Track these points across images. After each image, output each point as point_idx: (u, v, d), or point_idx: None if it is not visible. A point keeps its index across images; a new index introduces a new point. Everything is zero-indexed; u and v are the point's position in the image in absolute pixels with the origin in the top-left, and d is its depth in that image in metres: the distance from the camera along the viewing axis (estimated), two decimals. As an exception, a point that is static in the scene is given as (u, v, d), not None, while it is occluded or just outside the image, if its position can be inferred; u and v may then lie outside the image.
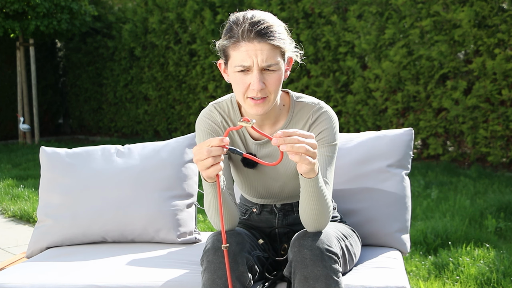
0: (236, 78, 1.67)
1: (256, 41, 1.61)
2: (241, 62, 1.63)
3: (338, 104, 7.16)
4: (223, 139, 1.47)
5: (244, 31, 1.62)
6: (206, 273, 1.64)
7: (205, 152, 1.47)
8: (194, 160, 1.52)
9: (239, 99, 1.71)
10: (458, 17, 5.86)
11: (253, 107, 1.68)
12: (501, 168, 5.87)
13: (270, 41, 1.62)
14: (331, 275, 1.59)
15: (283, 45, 1.66)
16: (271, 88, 1.66)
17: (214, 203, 1.68)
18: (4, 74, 11.09)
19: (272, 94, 1.68)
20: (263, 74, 1.64)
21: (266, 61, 1.62)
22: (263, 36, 1.61)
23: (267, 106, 1.69)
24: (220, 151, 1.48)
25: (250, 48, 1.62)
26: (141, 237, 2.26)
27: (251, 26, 1.62)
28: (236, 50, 1.64)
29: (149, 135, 10.20)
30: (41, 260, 2.11)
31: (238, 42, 1.63)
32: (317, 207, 1.64)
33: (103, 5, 10.99)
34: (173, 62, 9.44)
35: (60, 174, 2.30)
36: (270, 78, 1.65)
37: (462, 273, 2.95)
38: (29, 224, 4.60)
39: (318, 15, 7.26)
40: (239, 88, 1.67)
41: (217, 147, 1.47)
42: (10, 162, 7.90)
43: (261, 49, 1.62)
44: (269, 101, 1.68)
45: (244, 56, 1.62)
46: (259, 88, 1.63)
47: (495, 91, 5.70)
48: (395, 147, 2.20)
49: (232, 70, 1.68)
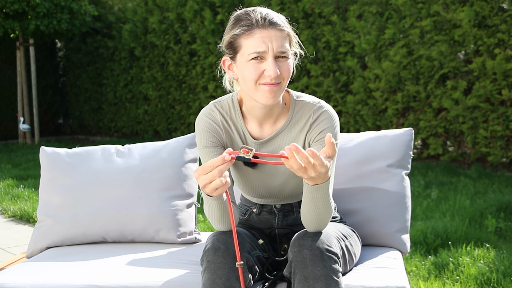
0: (248, 66, 1.67)
1: (270, 28, 1.65)
2: (256, 49, 1.65)
3: (338, 104, 7.16)
4: (224, 157, 1.45)
5: (258, 19, 1.66)
6: (206, 273, 1.64)
7: (210, 177, 1.46)
8: (201, 186, 1.49)
9: (249, 88, 1.70)
10: (458, 17, 5.86)
11: (266, 93, 1.67)
12: (501, 168, 5.87)
13: (285, 28, 1.67)
14: (331, 275, 1.59)
15: (291, 34, 1.71)
16: (284, 74, 1.68)
17: (217, 213, 1.69)
18: (4, 74, 11.10)
19: (285, 80, 1.70)
20: (276, 61, 1.66)
21: (280, 48, 1.65)
22: (275, 23, 1.66)
23: (279, 93, 1.70)
24: (226, 168, 1.46)
25: (265, 34, 1.65)
26: (141, 237, 2.26)
27: (264, 15, 1.67)
28: (249, 38, 1.66)
29: (149, 135, 10.20)
30: (41, 260, 2.11)
31: (251, 30, 1.66)
32: (320, 210, 1.64)
33: (103, 5, 10.99)
34: (173, 62, 9.44)
35: (60, 174, 2.30)
36: (284, 65, 1.68)
37: (462, 273, 2.95)
38: (29, 224, 4.60)
39: (318, 15, 7.26)
40: (252, 76, 1.67)
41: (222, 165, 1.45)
42: (10, 162, 7.90)
43: (275, 36, 1.65)
44: (282, 87, 1.70)
45: (259, 42, 1.64)
46: (275, 74, 1.64)
47: (495, 91, 5.70)
48: (395, 147, 2.19)
49: (244, 60, 1.68)
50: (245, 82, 1.70)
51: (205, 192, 1.54)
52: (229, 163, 1.46)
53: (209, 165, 1.46)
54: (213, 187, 1.47)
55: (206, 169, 1.46)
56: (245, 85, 1.71)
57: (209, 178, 1.46)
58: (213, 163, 1.45)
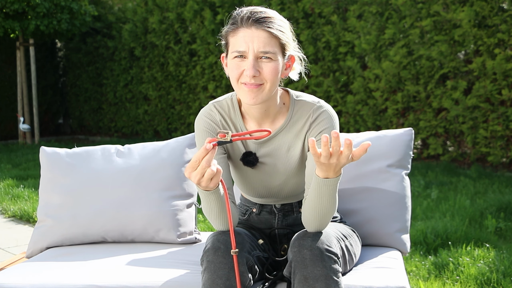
0: (232, 64, 1.67)
1: (254, 27, 1.64)
2: (237, 48, 1.65)
3: (338, 104, 7.16)
4: (205, 147, 1.45)
5: (243, 17, 1.65)
6: (206, 273, 1.64)
7: (200, 170, 1.47)
8: (195, 182, 1.51)
9: (234, 86, 1.71)
10: (458, 17, 5.86)
11: (247, 93, 1.67)
12: (501, 168, 5.87)
13: (268, 28, 1.64)
14: (330, 275, 1.59)
15: (282, 36, 1.67)
16: (266, 76, 1.65)
17: (215, 209, 1.68)
18: (4, 74, 11.09)
19: (268, 82, 1.66)
20: (259, 62, 1.65)
21: (262, 48, 1.63)
22: (261, 23, 1.64)
23: (261, 95, 1.67)
24: (211, 157, 1.46)
25: (247, 34, 1.64)
26: (141, 237, 2.26)
27: (251, 14, 1.65)
28: (234, 36, 1.66)
29: (149, 135, 10.20)
30: (41, 260, 2.11)
31: (237, 28, 1.66)
32: (324, 207, 1.63)
33: (103, 5, 10.99)
34: (173, 62, 9.44)
35: (60, 174, 2.30)
36: (266, 66, 1.65)
37: (462, 273, 2.95)
38: (29, 224, 4.60)
39: (318, 15, 7.26)
40: (233, 74, 1.67)
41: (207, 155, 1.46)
42: (10, 162, 7.90)
43: (258, 36, 1.63)
44: (264, 89, 1.67)
45: (241, 41, 1.64)
46: (252, 74, 1.63)
47: (495, 91, 5.70)
48: (395, 147, 2.19)
49: (230, 57, 1.69)
50: (231, 79, 1.71)
51: (201, 187, 1.54)
52: (213, 151, 1.46)
53: (195, 159, 1.47)
54: (207, 178, 1.48)
55: (194, 164, 1.47)
56: (231, 82, 1.72)
57: (200, 171, 1.47)
58: (198, 157, 1.46)
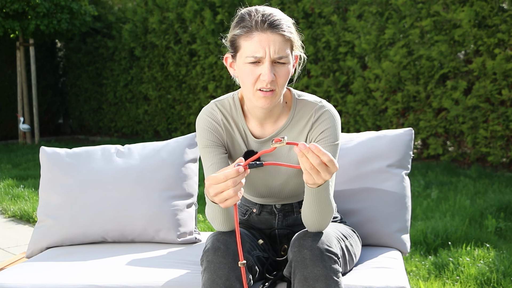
0: (245, 69, 1.65)
1: (269, 31, 1.61)
2: (253, 53, 1.62)
3: (338, 104, 7.16)
4: (238, 169, 1.42)
5: (257, 21, 1.62)
6: (206, 273, 1.64)
7: (223, 186, 1.43)
8: (211, 195, 1.45)
9: (247, 91, 1.68)
10: (458, 17, 5.86)
11: (261, 99, 1.66)
12: (501, 168, 5.86)
13: (283, 32, 1.62)
14: (331, 275, 1.59)
15: (294, 38, 1.67)
16: (280, 81, 1.65)
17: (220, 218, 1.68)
18: (4, 74, 11.09)
19: (280, 88, 1.67)
20: (274, 66, 1.64)
21: (278, 53, 1.62)
22: (276, 27, 1.62)
23: (274, 100, 1.68)
24: (240, 180, 1.43)
25: (263, 38, 1.61)
26: (141, 237, 2.26)
27: (264, 17, 1.62)
28: (248, 40, 1.63)
29: (149, 135, 10.20)
30: (41, 260, 2.11)
31: (251, 32, 1.62)
32: (320, 212, 1.64)
33: (103, 5, 10.99)
34: (173, 62, 9.44)
35: (60, 174, 2.30)
36: (280, 71, 1.65)
37: (462, 273, 2.95)
38: (29, 224, 4.60)
39: (318, 15, 7.26)
40: (249, 79, 1.65)
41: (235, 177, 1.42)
42: (10, 162, 7.90)
43: (274, 40, 1.62)
44: (276, 94, 1.67)
45: (257, 46, 1.61)
46: (270, 79, 1.62)
47: (495, 91, 5.70)
48: (395, 147, 2.19)
49: (242, 62, 1.66)
50: (243, 84, 1.69)
51: (213, 201, 1.52)
52: (243, 174, 1.43)
53: (222, 176, 1.43)
54: (224, 197, 1.44)
55: (219, 180, 1.43)
56: (243, 86, 1.70)
57: (222, 188, 1.43)
58: (226, 175, 1.42)
